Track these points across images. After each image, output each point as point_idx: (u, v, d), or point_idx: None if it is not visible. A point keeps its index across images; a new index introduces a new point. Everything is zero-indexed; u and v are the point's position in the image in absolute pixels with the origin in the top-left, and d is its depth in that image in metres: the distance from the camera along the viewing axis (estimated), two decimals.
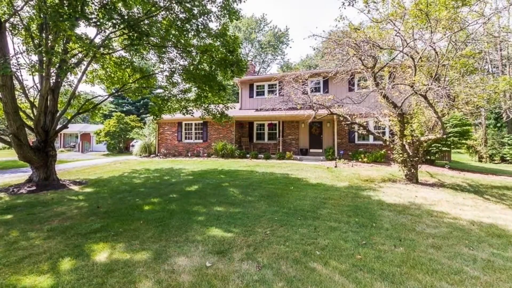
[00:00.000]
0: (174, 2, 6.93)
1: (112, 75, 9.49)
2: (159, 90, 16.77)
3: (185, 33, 7.75)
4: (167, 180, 7.96)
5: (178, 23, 7.49)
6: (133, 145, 21.79)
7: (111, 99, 29.96)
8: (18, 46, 7.30)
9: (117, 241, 3.46)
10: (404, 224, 4.14)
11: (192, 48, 8.19)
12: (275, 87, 15.99)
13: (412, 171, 7.42)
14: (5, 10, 6.51)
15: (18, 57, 6.96)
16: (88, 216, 4.56)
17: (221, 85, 9.15)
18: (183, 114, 10.26)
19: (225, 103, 10.68)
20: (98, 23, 5.45)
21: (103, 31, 7.01)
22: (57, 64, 6.92)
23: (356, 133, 13.47)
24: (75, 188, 7.08)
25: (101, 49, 7.04)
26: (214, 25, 48.11)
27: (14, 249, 3.25)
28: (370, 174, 8.67)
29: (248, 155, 14.10)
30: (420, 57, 6.49)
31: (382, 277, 2.60)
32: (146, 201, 5.59)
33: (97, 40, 7.54)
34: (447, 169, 10.12)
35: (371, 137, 13.25)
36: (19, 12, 6.53)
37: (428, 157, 11.36)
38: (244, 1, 7.65)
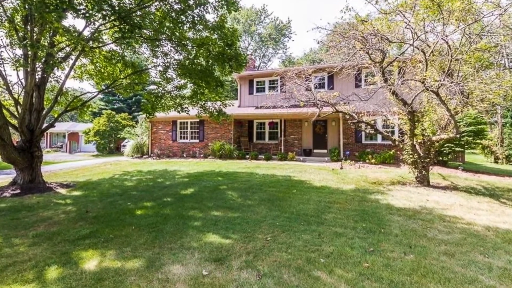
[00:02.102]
0: None
1: (102, 70, 9.49)
2: (152, 87, 16.75)
3: (180, 25, 7.74)
4: (161, 183, 7.96)
5: (173, 14, 7.49)
6: (124, 145, 21.79)
7: (101, 96, 29.96)
8: (1, 39, 7.29)
9: (107, 248, 3.46)
10: (414, 229, 4.14)
11: (187, 42, 8.19)
12: (277, 83, 15.99)
13: (423, 173, 7.42)
14: None
15: (1, 51, 6.96)
16: (76, 221, 4.56)
17: (218, 81, 9.15)
18: (178, 112, 10.26)
19: (223, 100, 10.68)
20: (87, 14, 5.45)
21: (92, 23, 7.00)
22: (43, 59, 6.92)
23: (363, 133, 13.48)
24: (63, 191, 7.08)
25: (90, 42, 7.04)
26: (211, 17, 48.09)
27: None
28: (378, 176, 8.67)
29: (247, 156, 14.10)
30: (432, 51, 6.49)
31: (391, 287, 2.60)
32: (139, 205, 5.59)
33: (86, 32, 7.54)
34: (460, 171, 10.12)
35: (379, 136, 13.25)
36: (2, 3, 6.53)
37: (440, 158, 11.36)
38: None
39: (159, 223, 4.38)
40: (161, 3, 7.30)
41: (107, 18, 5.78)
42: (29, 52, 6.70)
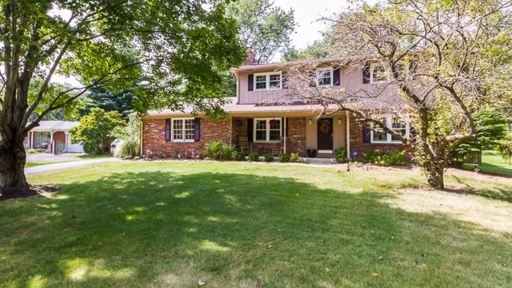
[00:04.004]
0: None
1: (90, 65, 9.49)
2: (144, 82, 16.77)
3: (174, 16, 7.76)
4: (154, 186, 7.96)
5: (166, 4, 7.49)
6: (114, 146, 21.79)
7: (88, 92, 29.97)
8: None
9: (96, 256, 3.46)
10: (427, 236, 4.14)
11: (182, 33, 8.20)
12: (278, 79, 16.00)
13: (437, 175, 7.42)
14: None
15: None
16: (62, 228, 4.56)
17: (215, 76, 9.15)
18: (172, 109, 10.27)
19: (220, 97, 10.68)
20: (74, 4, 5.45)
21: (79, 14, 7.00)
22: (27, 52, 6.92)
23: (371, 132, 13.48)
24: (47, 195, 7.08)
25: (77, 34, 7.04)
26: (207, 7, 48.12)
27: None
28: (387, 179, 8.68)
29: (247, 157, 14.10)
30: (446, 44, 6.49)
31: None
32: (129, 210, 5.59)
33: (73, 24, 7.54)
34: (476, 173, 10.13)
35: (389, 136, 13.25)
36: None
37: (455, 159, 11.36)
38: None
39: (152, 230, 4.38)
40: None
41: (95, 8, 5.79)
42: (11, 45, 6.70)
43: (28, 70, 7.64)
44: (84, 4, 5.60)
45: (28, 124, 8.04)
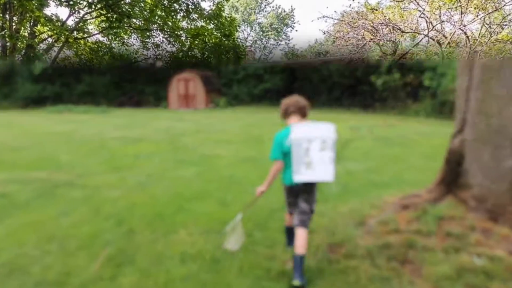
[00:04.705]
0: None
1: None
2: None
3: (173, 14, 7.77)
4: None
5: (165, 2, 7.50)
6: None
7: None
8: None
9: None
10: None
11: (181, 32, 8.21)
12: None
13: None
14: None
15: None
16: None
17: None
18: None
19: None
20: (71, 2, 5.46)
21: (77, 12, 7.02)
22: (23, 51, 6.93)
23: None
24: None
25: (75, 32, 7.06)
26: (207, 5, 48.09)
27: None
28: None
29: None
30: (449, 42, 6.50)
31: None
32: None
33: (70, 22, 7.56)
34: None
35: None
36: None
37: None
38: None
39: None
40: None
41: (93, 6, 5.81)
42: (8, 43, 6.71)
43: None
44: (81, 2, 5.61)
45: None
